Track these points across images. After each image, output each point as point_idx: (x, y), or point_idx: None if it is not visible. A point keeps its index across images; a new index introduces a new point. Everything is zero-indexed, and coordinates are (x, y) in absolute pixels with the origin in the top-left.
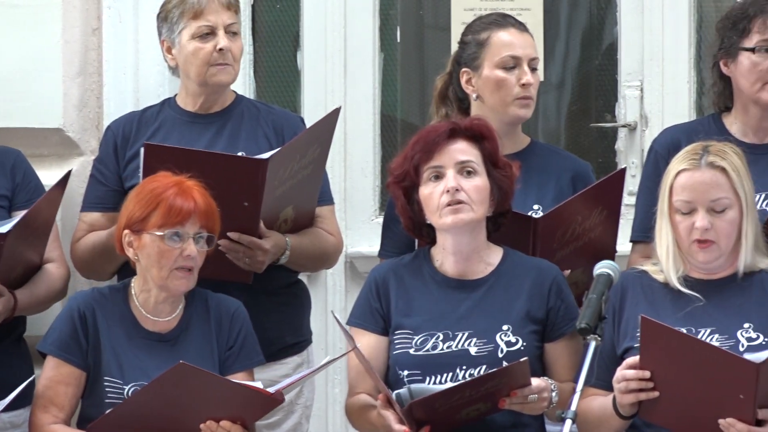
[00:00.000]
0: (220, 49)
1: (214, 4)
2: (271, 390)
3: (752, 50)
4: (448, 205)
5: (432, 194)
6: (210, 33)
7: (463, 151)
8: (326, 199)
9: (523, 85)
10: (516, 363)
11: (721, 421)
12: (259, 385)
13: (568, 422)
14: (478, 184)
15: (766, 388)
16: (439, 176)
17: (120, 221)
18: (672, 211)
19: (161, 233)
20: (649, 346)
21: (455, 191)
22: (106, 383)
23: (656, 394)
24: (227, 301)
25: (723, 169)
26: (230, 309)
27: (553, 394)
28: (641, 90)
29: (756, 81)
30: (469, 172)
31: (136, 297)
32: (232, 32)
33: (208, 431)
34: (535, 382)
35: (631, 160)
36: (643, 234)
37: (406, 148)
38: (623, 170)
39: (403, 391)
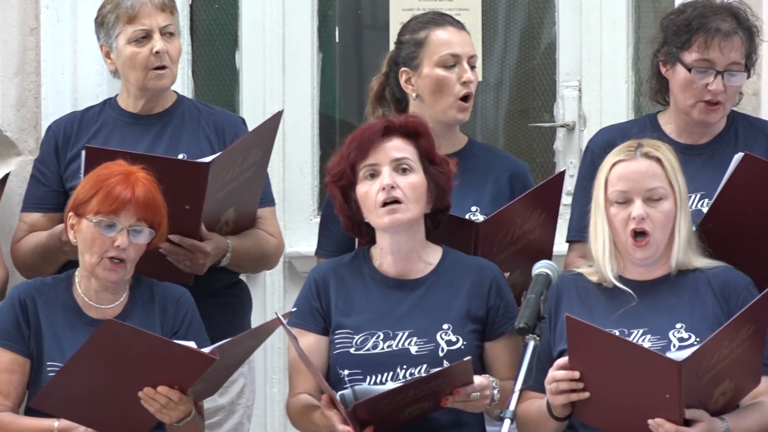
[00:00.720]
0: (156, 52)
1: (148, 7)
2: (206, 350)
3: (689, 69)
4: (384, 202)
5: (368, 193)
6: (146, 36)
7: (398, 148)
8: (267, 200)
9: (464, 82)
10: (460, 362)
11: (650, 421)
12: (192, 345)
13: (507, 422)
14: (414, 182)
15: (692, 387)
16: (375, 174)
17: (69, 202)
18: (608, 205)
19: (96, 220)
20: (576, 346)
21: (391, 189)
22: (49, 369)
23: (587, 394)
24: (173, 288)
25: (658, 160)
26: (175, 295)
27: (495, 392)
28: (579, 90)
29: (690, 97)
30: (404, 170)
31: (79, 285)
32: (169, 33)
33: (146, 398)
34: (478, 380)
35: (570, 160)
36: (580, 234)
37: (343, 147)
38: (563, 173)
39: (347, 392)
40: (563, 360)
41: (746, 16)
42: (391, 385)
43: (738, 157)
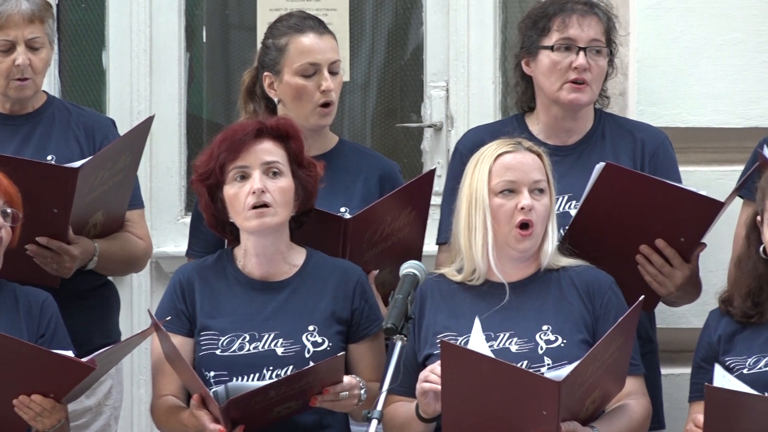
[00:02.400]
0: (17, 65)
1: (15, 18)
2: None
3: (551, 48)
4: (254, 206)
5: (238, 195)
6: (11, 48)
7: (269, 151)
8: (137, 203)
9: (323, 91)
10: (333, 358)
11: None
12: (69, 354)
13: (374, 422)
14: (283, 186)
15: (569, 402)
16: (245, 176)
17: None
18: (492, 196)
19: None
20: (450, 368)
21: (261, 193)
22: None
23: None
24: (36, 292)
25: (540, 155)
26: (39, 298)
27: (362, 392)
28: (447, 90)
29: (556, 80)
30: (275, 173)
31: None
32: (35, 46)
33: (21, 406)
34: (346, 379)
35: (437, 160)
36: (450, 235)
37: (212, 145)
38: (432, 171)
39: (219, 389)
40: (433, 368)
41: (601, 3)
42: (263, 382)
43: (600, 166)
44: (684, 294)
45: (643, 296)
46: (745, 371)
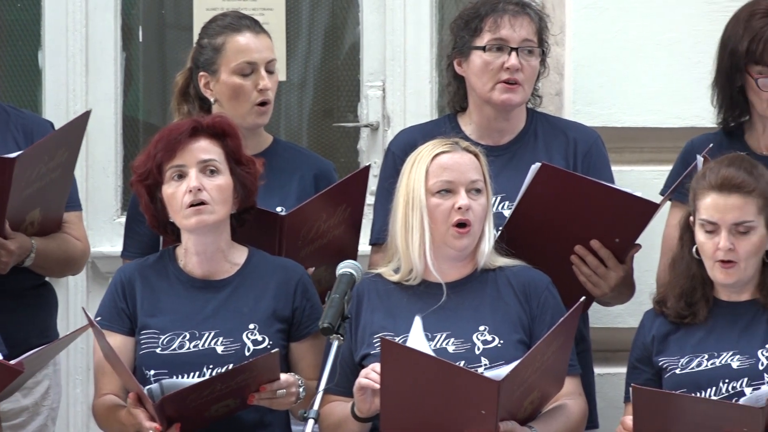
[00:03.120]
0: None
1: None
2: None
3: (483, 49)
4: (191, 205)
5: (175, 194)
6: None
7: (205, 149)
8: (74, 204)
9: (261, 90)
10: (267, 354)
11: None
12: None
13: (311, 422)
14: (220, 184)
15: (507, 402)
16: (182, 175)
17: None
18: (429, 196)
19: None
20: (389, 366)
21: (198, 191)
22: None
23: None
24: None
25: (477, 156)
26: None
27: (301, 389)
28: (383, 90)
29: (488, 80)
30: (212, 171)
31: None
32: None
33: None
34: (284, 377)
35: (373, 159)
36: (384, 236)
37: (149, 145)
38: (367, 168)
39: (154, 386)
40: (375, 365)
41: (533, 3)
42: (198, 379)
43: (535, 167)
44: (618, 295)
45: (584, 297)
46: (677, 371)
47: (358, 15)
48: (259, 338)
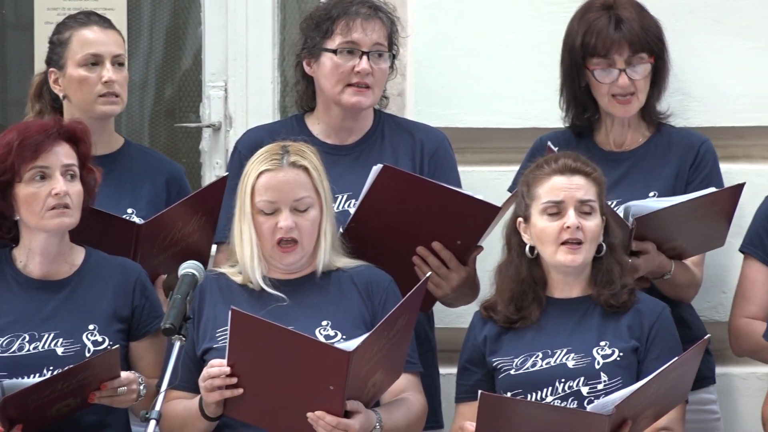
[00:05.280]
0: None
1: None
2: None
3: (334, 52)
4: (54, 208)
5: (37, 195)
6: None
7: (67, 154)
8: None
9: (106, 82)
10: (106, 352)
11: (309, 414)
12: None
13: (152, 423)
14: (78, 189)
15: (357, 379)
16: (44, 177)
17: None
18: (255, 212)
19: None
20: (238, 339)
21: (65, 195)
22: None
23: (240, 391)
24: None
25: (305, 168)
26: None
27: (141, 387)
28: (225, 90)
29: (337, 83)
30: (72, 176)
31: None
32: None
33: None
34: (124, 374)
35: (215, 160)
36: (227, 235)
37: (7, 142)
38: (225, 178)
39: None
40: (220, 360)
41: (384, 6)
42: (39, 378)
43: (377, 168)
44: (460, 296)
45: (429, 272)
46: (512, 372)
47: (200, 15)
48: (99, 339)
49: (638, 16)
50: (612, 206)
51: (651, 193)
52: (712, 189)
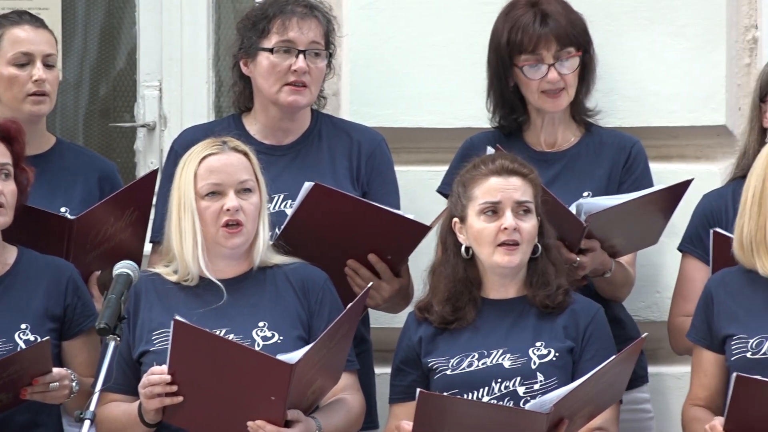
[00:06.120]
0: None
1: None
2: None
3: (271, 51)
4: None
5: None
6: None
7: (1, 153)
8: None
9: (35, 81)
10: (37, 344)
11: (249, 423)
12: None
13: (87, 423)
14: (13, 188)
15: (298, 389)
16: None
17: None
18: (198, 198)
19: None
20: (180, 349)
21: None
22: None
23: (180, 399)
24: None
25: (246, 154)
26: None
27: (74, 383)
28: (160, 90)
29: (275, 82)
30: (6, 175)
31: None
32: None
33: None
34: (56, 370)
35: (150, 160)
36: (162, 235)
37: None
38: (155, 172)
39: None
40: (160, 368)
41: (321, 6)
42: None
43: (308, 185)
44: (393, 305)
45: (371, 283)
46: (448, 372)
47: (135, 15)
48: (32, 338)
49: (563, 10)
50: None
51: (585, 193)
52: (661, 186)
